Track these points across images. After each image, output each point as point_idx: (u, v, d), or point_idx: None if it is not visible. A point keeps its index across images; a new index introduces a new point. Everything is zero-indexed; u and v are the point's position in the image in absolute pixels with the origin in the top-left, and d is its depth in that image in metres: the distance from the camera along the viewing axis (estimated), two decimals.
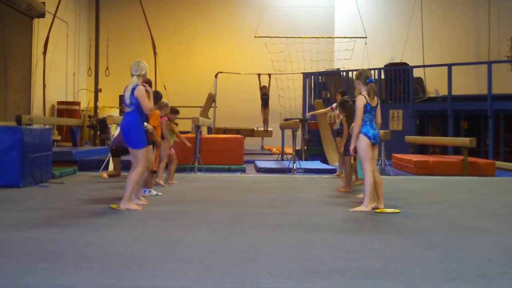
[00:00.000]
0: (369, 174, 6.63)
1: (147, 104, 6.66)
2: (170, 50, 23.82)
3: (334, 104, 11.36)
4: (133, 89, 6.63)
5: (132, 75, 6.72)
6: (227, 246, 4.59)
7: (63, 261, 3.98)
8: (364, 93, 6.76)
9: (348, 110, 8.85)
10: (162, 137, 9.14)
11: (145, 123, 7.03)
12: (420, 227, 5.60)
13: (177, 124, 10.12)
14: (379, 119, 6.98)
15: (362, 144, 6.66)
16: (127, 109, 6.71)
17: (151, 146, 7.19)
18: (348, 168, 8.88)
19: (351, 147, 6.70)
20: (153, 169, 8.12)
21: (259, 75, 20.06)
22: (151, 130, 7.55)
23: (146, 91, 6.72)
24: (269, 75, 20.24)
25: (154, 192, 8.04)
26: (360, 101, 6.70)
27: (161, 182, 9.33)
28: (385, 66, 20.04)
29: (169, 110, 9.66)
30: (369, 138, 6.68)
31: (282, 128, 16.88)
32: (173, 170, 10.03)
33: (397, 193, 8.61)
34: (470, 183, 10.68)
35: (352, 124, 8.37)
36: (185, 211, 6.52)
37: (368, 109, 6.73)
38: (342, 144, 8.96)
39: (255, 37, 21.24)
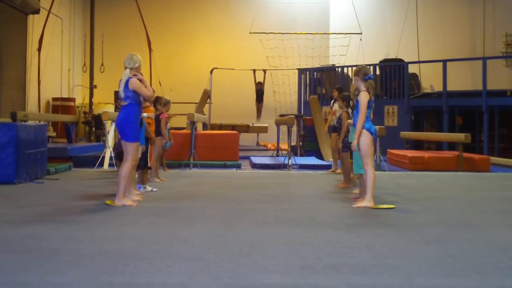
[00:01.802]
0: (371, 170, 6.64)
1: (146, 92, 6.67)
2: (165, 46, 23.79)
3: (332, 101, 11.34)
4: (127, 82, 6.61)
5: (125, 68, 6.71)
6: (223, 242, 4.59)
7: (59, 258, 3.97)
8: (364, 89, 6.75)
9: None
10: (158, 134, 9.15)
11: (143, 114, 7.04)
12: (416, 222, 5.61)
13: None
14: (372, 115, 7.01)
15: (366, 139, 6.65)
16: (123, 103, 6.70)
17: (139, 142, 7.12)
18: (347, 164, 8.86)
19: (354, 143, 6.68)
20: (148, 165, 8.12)
21: (254, 70, 20.13)
22: (146, 117, 7.55)
23: (140, 79, 6.69)
24: (264, 71, 20.32)
25: (149, 188, 8.04)
26: (365, 97, 6.69)
27: (156, 179, 9.32)
28: (380, 62, 20.04)
29: (170, 107, 9.68)
30: (371, 133, 6.69)
31: (278, 124, 16.91)
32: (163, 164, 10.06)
33: (392, 188, 8.64)
34: (465, 179, 10.70)
35: (348, 120, 8.40)
36: (181, 207, 6.52)
37: (370, 105, 6.74)
38: (340, 140, 8.93)
39: (250, 33, 21.23)
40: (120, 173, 6.63)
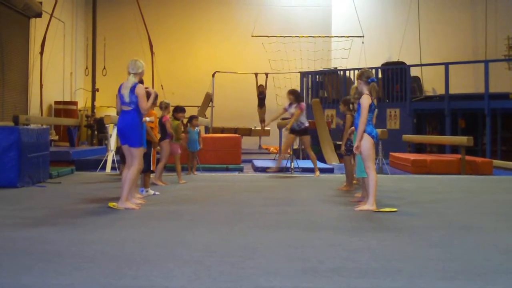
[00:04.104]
0: (373, 173, 6.64)
1: (144, 104, 6.69)
2: (168, 49, 23.82)
3: (287, 104, 11.42)
4: (133, 87, 6.64)
5: (129, 74, 6.74)
6: (225, 245, 4.59)
7: (61, 261, 3.98)
8: (367, 92, 6.74)
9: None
10: (162, 138, 9.15)
11: (144, 118, 7.08)
12: (418, 226, 5.60)
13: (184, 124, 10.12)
14: (374, 119, 7.00)
15: (367, 143, 6.64)
16: (126, 108, 6.71)
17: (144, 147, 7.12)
18: (349, 167, 8.85)
19: (356, 146, 6.67)
20: (151, 169, 8.13)
21: (256, 74, 20.15)
22: (149, 121, 7.57)
23: (148, 92, 6.77)
24: (266, 74, 20.36)
25: (151, 192, 8.04)
26: (366, 100, 6.67)
27: (160, 183, 9.31)
28: (382, 65, 20.04)
29: (170, 110, 9.68)
30: (373, 137, 6.68)
31: (280, 127, 16.89)
32: (179, 170, 10.02)
33: (394, 192, 8.63)
34: (467, 182, 10.69)
35: (348, 124, 8.42)
36: (183, 211, 6.52)
37: (372, 109, 6.73)
38: (343, 143, 8.92)
39: (252, 36, 21.25)
40: (127, 177, 6.65)
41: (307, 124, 11.46)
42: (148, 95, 6.83)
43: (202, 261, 3.99)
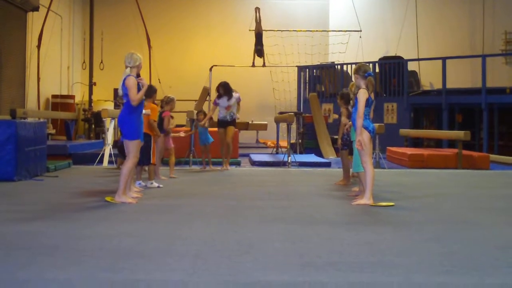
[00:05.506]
0: (370, 168, 6.64)
1: (132, 95, 6.58)
2: (165, 43, 23.78)
3: (216, 98, 11.68)
4: (125, 79, 6.63)
5: (126, 67, 6.72)
6: (223, 239, 4.59)
7: (58, 255, 3.98)
8: (364, 87, 6.74)
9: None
10: (163, 131, 9.15)
11: (144, 111, 7.05)
12: (415, 220, 5.62)
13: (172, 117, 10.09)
14: (371, 113, 7.01)
15: (364, 138, 6.64)
16: (124, 101, 6.75)
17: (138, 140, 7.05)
18: (346, 162, 8.85)
19: (357, 141, 6.65)
20: (151, 161, 8.14)
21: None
22: (145, 113, 7.56)
23: (141, 83, 6.71)
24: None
25: (155, 184, 8.07)
26: (363, 94, 6.67)
27: (162, 177, 9.32)
28: (380, 59, 20.05)
29: (175, 105, 9.66)
30: (369, 131, 6.67)
31: (277, 121, 16.90)
32: (172, 163, 10.01)
33: (391, 186, 8.63)
34: (464, 176, 10.71)
35: (343, 118, 8.43)
36: (180, 205, 6.53)
37: (369, 103, 6.73)
38: (339, 138, 8.93)
39: (249, 30, 21.19)
40: (122, 170, 6.65)
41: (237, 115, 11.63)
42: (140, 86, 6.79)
43: (200, 255, 4.00)
